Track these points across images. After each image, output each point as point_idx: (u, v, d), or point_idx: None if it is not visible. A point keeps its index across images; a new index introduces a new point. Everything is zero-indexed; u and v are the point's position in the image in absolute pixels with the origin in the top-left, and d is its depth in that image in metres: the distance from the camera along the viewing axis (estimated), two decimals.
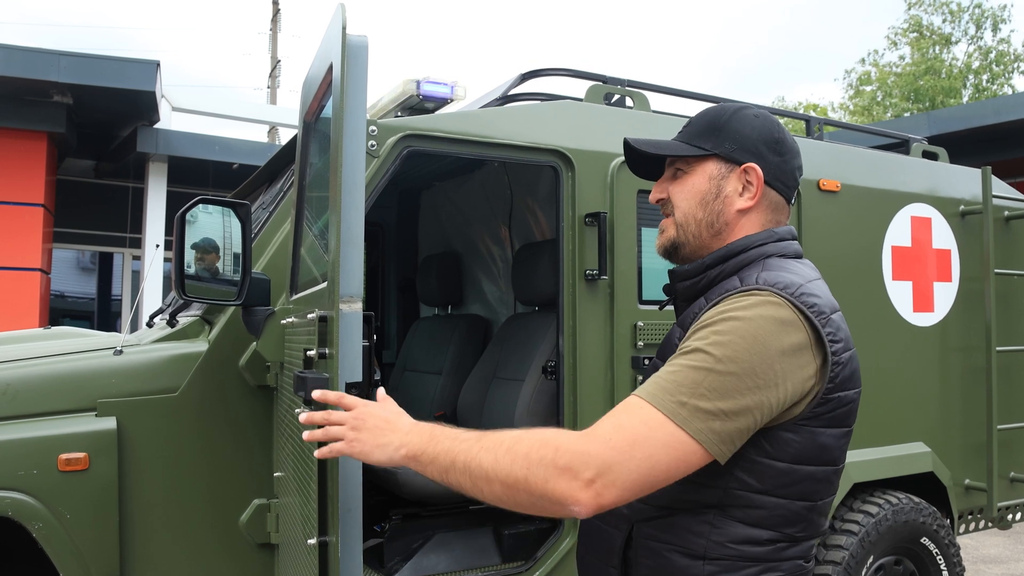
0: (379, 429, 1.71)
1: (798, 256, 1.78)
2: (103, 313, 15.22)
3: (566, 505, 1.48)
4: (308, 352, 2.15)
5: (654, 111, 3.98)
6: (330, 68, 2.18)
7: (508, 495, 1.53)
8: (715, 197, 1.77)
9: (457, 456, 1.59)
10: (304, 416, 1.80)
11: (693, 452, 1.49)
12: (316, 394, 1.83)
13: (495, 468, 1.53)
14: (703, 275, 1.76)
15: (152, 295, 12.44)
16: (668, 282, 1.89)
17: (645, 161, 1.90)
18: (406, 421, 1.73)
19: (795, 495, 1.61)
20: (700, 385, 1.50)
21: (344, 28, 1.96)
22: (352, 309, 1.94)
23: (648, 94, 4.01)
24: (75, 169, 13.90)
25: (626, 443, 1.48)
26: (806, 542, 1.66)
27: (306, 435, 1.81)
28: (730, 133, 1.78)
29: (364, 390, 1.96)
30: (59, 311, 14.74)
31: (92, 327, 14.79)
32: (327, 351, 2.03)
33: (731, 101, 1.83)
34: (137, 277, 14.63)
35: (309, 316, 2.14)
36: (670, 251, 1.85)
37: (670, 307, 1.98)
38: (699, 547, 1.61)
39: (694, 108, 4.55)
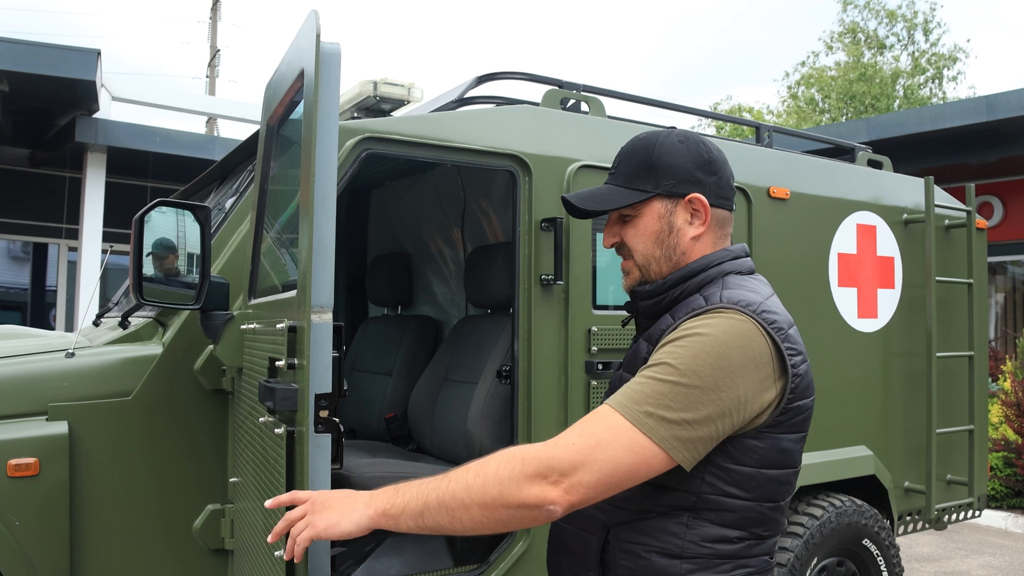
0: (340, 502, 1.74)
1: (752, 272, 1.89)
2: (37, 304, 14.87)
3: (543, 506, 1.58)
4: (277, 362, 2.13)
5: (609, 116, 4.00)
6: (300, 74, 2.17)
7: (487, 516, 1.61)
8: (669, 233, 1.86)
9: (428, 496, 1.65)
10: (271, 537, 1.81)
11: (654, 456, 1.59)
12: (268, 503, 1.88)
13: (469, 494, 1.61)
14: (665, 294, 1.85)
15: (87, 289, 12.22)
16: (629, 301, 1.97)
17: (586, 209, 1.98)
18: (363, 492, 1.76)
19: (761, 497, 1.71)
20: (665, 397, 1.60)
21: (318, 35, 1.95)
22: (323, 320, 1.93)
23: (603, 99, 4.04)
24: (9, 157, 13.53)
25: (589, 447, 1.59)
26: (771, 539, 1.77)
27: (269, 538, 1.82)
28: (665, 168, 1.85)
29: (334, 401, 1.96)
30: None
31: (24, 318, 14.47)
32: (297, 361, 2.01)
33: (650, 130, 1.94)
34: (73, 268, 14.30)
35: (278, 326, 2.12)
36: (637, 288, 1.93)
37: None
38: (676, 547, 1.70)
39: (649, 113, 4.63)
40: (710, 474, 1.68)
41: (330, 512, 1.72)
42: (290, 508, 1.83)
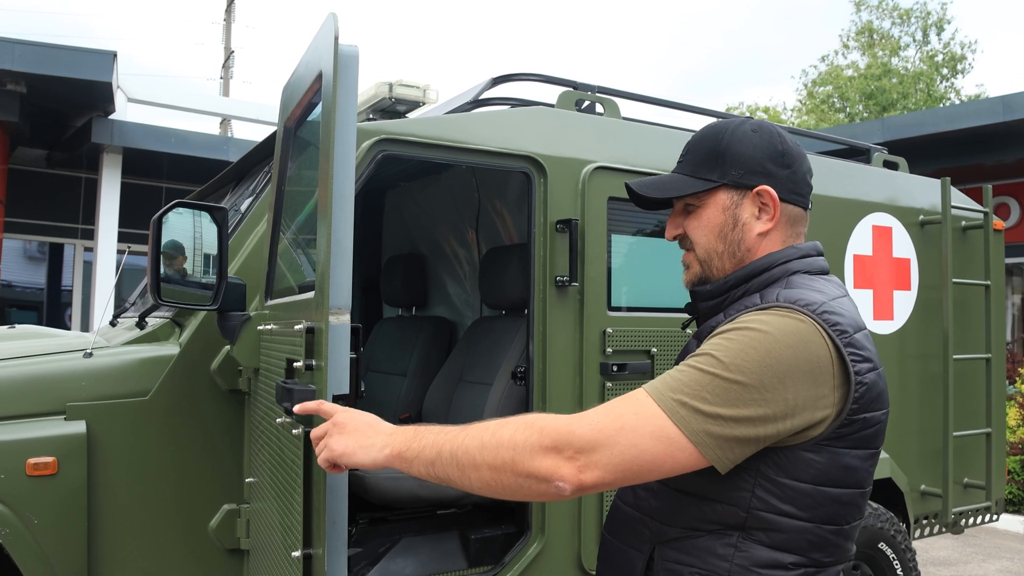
0: (361, 432, 1.69)
1: (824, 272, 1.73)
2: (52, 304, 14.97)
3: (551, 480, 1.48)
4: (295, 363, 2.14)
5: (624, 118, 4.00)
6: (318, 76, 2.17)
7: (495, 479, 1.53)
8: (733, 227, 1.73)
9: (443, 447, 1.58)
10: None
11: (682, 449, 1.47)
12: (297, 408, 1.83)
13: (482, 453, 1.53)
14: (726, 295, 1.72)
15: (103, 289, 12.30)
16: (690, 302, 1.84)
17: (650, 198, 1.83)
18: (386, 424, 1.71)
19: (820, 518, 1.56)
20: (704, 388, 1.48)
21: (336, 38, 1.96)
22: (340, 321, 1.94)
23: (619, 100, 4.04)
24: (27, 158, 13.63)
25: (613, 428, 1.48)
26: (833, 567, 1.61)
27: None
28: (733, 157, 1.72)
29: (351, 402, 1.96)
30: (7, 301, 14.49)
31: (40, 318, 14.57)
32: (315, 362, 2.02)
33: (722, 118, 1.80)
34: (89, 268, 14.39)
35: (296, 327, 2.13)
36: (698, 285, 1.80)
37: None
38: (722, 571, 1.56)
39: (665, 115, 4.60)
40: (761, 488, 1.54)
41: (348, 437, 1.68)
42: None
